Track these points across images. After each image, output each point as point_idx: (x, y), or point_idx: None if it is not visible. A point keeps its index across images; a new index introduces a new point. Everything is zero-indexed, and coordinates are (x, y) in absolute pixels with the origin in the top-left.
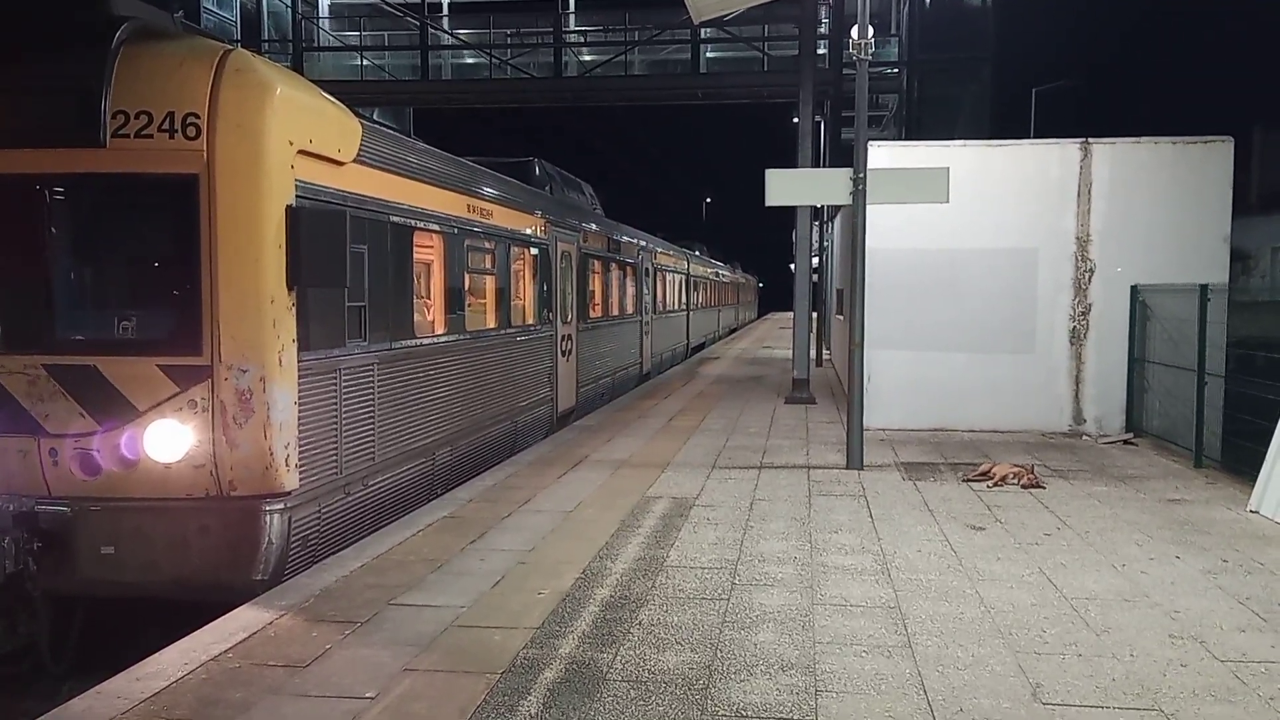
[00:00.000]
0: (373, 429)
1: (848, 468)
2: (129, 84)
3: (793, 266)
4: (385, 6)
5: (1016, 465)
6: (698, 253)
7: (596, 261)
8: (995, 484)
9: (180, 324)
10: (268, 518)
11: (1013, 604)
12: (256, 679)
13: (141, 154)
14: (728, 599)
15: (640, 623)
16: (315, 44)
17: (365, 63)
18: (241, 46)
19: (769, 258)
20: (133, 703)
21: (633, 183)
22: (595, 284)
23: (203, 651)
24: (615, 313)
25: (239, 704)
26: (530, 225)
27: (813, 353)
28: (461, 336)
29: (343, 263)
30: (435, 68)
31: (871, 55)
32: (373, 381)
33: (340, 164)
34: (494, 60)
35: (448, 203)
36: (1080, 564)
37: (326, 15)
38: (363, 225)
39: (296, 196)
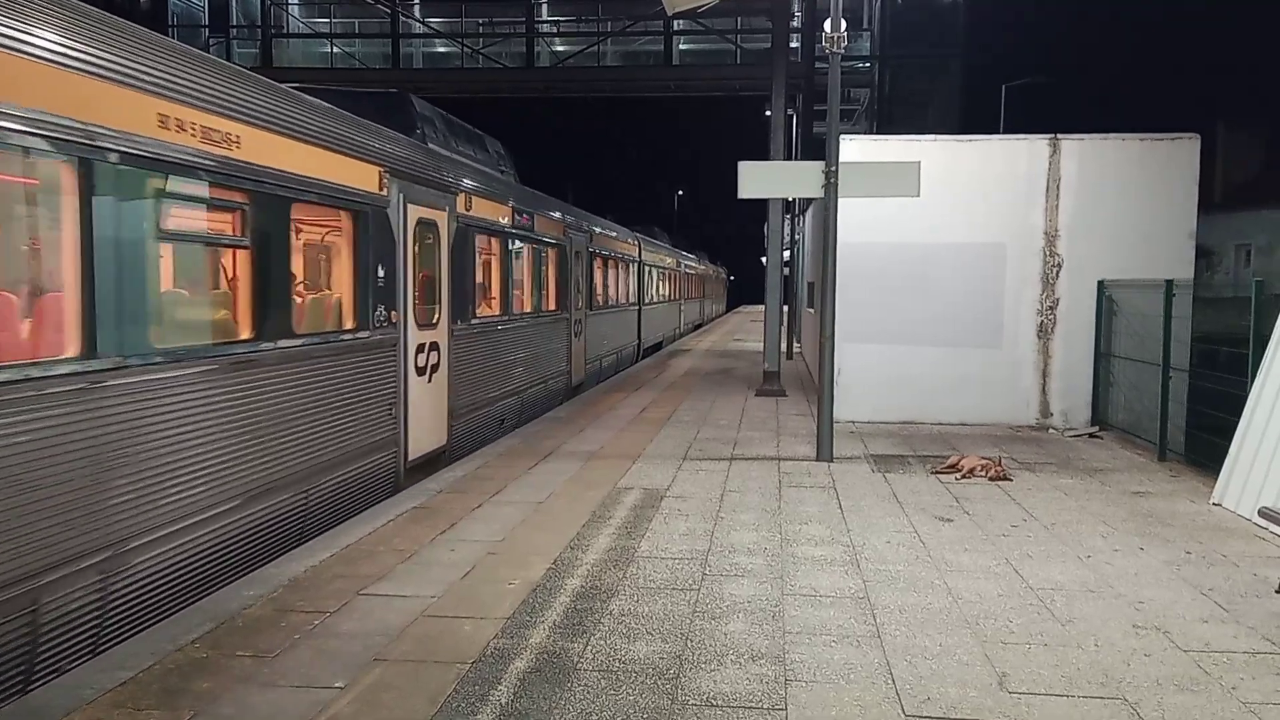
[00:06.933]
0: None
1: (818, 460)
2: None
3: (764, 259)
4: None
5: (984, 458)
6: (657, 240)
7: (490, 238)
8: (963, 476)
9: None
10: None
11: (980, 594)
12: (224, 669)
13: None
14: (698, 589)
15: (611, 613)
16: (285, 30)
17: (335, 50)
18: (209, 33)
19: (741, 250)
20: (98, 693)
21: (605, 173)
22: (491, 269)
23: (170, 642)
24: (524, 309)
25: (207, 694)
26: (339, 173)
27: (783, 346)
28: (89, 364)
29: None
30: (406, 56)
31: (843, 49)
32: None
33: None
34: (466, 49)
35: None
36: (1046, 555)
37: (296, 1)
38: None
39: None
